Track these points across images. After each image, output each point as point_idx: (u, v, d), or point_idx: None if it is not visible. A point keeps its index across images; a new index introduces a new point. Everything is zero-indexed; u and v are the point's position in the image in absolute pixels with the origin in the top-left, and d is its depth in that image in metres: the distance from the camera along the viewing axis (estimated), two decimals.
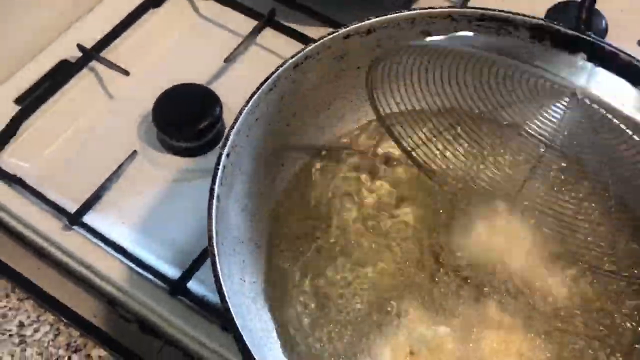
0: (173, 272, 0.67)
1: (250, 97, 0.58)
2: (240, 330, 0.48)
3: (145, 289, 0.67)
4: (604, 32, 0.83)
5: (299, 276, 0.62)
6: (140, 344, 0.67)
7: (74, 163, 0.75)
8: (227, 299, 0.48)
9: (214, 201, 0.53)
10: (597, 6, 0.84)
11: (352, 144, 0.69)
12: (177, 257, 0.69)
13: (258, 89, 0.58)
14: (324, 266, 0.62)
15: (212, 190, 0.53)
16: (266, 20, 0.83)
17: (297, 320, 0.59)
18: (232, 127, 0.56)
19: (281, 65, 0.59)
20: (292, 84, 0.62)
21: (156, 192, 0.74)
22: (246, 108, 0.57)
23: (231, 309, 0.48)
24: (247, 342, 0.46)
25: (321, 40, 0.61)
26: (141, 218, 0.72)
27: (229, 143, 0.55)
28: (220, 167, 0.55)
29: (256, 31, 0.82)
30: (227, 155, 0.56)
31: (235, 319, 0.48)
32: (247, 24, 0.83)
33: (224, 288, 0.49)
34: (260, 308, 0.60)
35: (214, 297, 0.66)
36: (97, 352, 0.65)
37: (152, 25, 0.84)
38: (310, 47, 0.61)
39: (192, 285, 0.67)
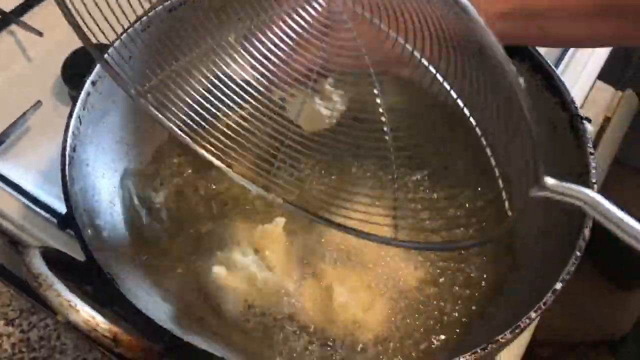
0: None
1: (122, 33, 0.63)
2: (81, 231, 0.52)
3: (38, 224, 0.72)
4: None
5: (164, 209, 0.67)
6: None
7: None
8: (70, 199, 0.53)
9: (72, 121, 0.58)
10: None
11: None
12: None
13: (128, 27, 0.63)
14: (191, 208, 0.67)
15: (71, 111, 0.58)
16: None
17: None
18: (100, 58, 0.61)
19: (154, 8, 0.64)
20: (169, 29, 0.66)
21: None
22: (116, 42, 0.62)
23: (73, 210, 0.52)
24: (84, 237, 0.51)
25: None
26: (44, 164, 0.77)
27: (94, 71, 0.61)
28: (84, 91, 0.60)
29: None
30: (92, 83, 0.61)
31: (75, 216, 0.52)
32: None
33: (69, 190, 0.53)
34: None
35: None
36: None
37: None
38: None
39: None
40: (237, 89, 0.54)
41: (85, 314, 0.41)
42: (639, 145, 1.04)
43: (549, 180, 0.42)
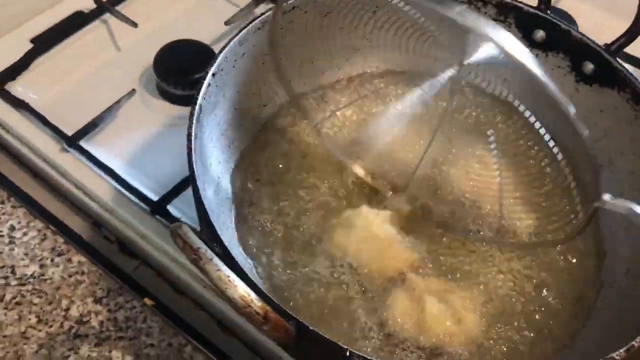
0: (154, 197, 0.74)
1: (240, 31, 0.65)
2: (204, 203, 0.54)
3: (128, 208, 0.73)
4: None
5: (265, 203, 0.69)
6: (118, 261, 0.73)
7: (78, 99, 0.82)
8: (195, 175, 0.55)
9: (196, 109, 0.60)
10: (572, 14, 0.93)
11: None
12: (159, 186, 0.75)
13: (247, 25, 0.65)
14: (284, 196, 0.69)
15: (195, 98, 0.60)
16: None
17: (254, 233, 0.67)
18: (220, 52, 0.64)
19: (271, 9, 0.67)
20: (279, 30, 0.69)
21: (149, 132, 0.81)
22: (235, 38, 0.64)
23: (197, 181, 0.55)
24: (208, 214, 0.52)
25: None
26: (132, 151, 0.79)
27: (216, 62, 0.63)
28: (206, 82, 0.62)
29: (255, 2, 0.91)
30: (213, 74, 0.63)
31: (197, 184, 0.54)
32: None
33: (193, 163, 0.55)
34: (229, 223, 0.66)
35: (189, 222, 0.72)
36: (78, 257, 0.71)
37: None
38: None
39: (171, 209, 0.73)
40: None
41: (242, 290, 0.42)
42: None
43: (605, 196, 0.54)
